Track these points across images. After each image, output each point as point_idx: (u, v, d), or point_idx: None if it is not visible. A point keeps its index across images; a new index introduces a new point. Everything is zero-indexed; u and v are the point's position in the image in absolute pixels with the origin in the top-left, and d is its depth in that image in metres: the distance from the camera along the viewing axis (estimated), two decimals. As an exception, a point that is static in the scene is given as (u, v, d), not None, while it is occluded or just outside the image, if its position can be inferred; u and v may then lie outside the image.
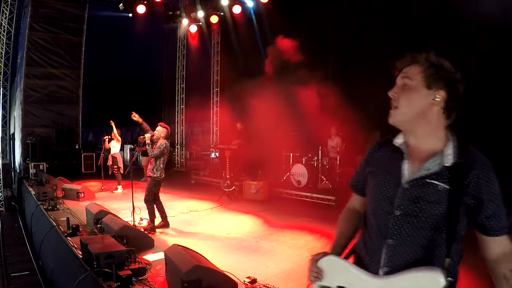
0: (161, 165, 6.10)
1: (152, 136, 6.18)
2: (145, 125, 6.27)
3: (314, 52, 9.73)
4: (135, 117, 6.27)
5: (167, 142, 6.18)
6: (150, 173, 6.13)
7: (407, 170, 1.35)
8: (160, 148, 6.03)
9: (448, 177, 1.26)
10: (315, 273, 1.51)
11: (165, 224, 6.17)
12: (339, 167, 8.97)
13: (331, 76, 9.86)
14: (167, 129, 6.27)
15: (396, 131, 1.45)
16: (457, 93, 1.32)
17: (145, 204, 6.09)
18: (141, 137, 6.31)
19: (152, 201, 6.11)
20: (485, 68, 7.08)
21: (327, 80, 9.40)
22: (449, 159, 1.28)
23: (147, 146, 6.11)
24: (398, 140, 1.42)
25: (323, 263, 1.51)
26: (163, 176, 6.18)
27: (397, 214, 1.33)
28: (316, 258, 1.52)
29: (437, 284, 1.17)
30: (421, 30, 7.91)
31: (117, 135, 9.80)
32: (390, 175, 1.38)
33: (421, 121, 1.33)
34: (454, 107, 1.33)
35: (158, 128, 6.22)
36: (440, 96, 1.30)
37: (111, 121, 9.74)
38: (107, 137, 9.83)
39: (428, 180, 1.29)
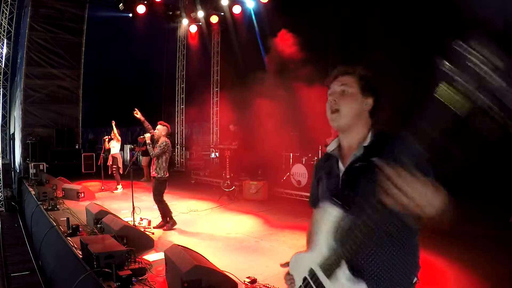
0: (164, 164, 6.06)
1: (152, 135, 6.18)
2: (146, 124, 6.26)
3: (314, 52, 9.73)
4: (138, 114, 6.25)
5: (167, 140, 6.15)
6: (154, 173, 6.11)
7: (342, 166, 1.56)
8: (161, 147, 6.01)
9: (370, 155, 1.44)
10: (289, 281, 1.64)
11: (164, 224, 6.18)
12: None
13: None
14: (167, 127, 6.25)
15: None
16: (379, 100, 1.58)
17: (156, 205, 6.15)
18: (141, 137, 6.31)
19: (162, 199, 6.13)
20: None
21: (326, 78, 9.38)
22: (367, 141, 1.51)
23: (147, 146, 6.09)
24: (330, 147, 1.65)
25: (290, 267, 1.65)
26: (167, 175, 6.17)
27: (340, 204, 1.47)
28: (285, 268, 1.68)
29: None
30: (421, 30, 7.91)
31: (117, 134, 9.80)
32: (331, 176, 1.58)
33: (356, 122, 1.55)
34: (377, 110, 1.58)
35: (158, 126, 6.20)
36: (369, 102, 1.55)
37: (112, 121, 9.76)
38: (107, 137, 9.84)
39: (355, 165, 1.49)
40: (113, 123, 9.78)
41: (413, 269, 1.45)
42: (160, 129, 6.16)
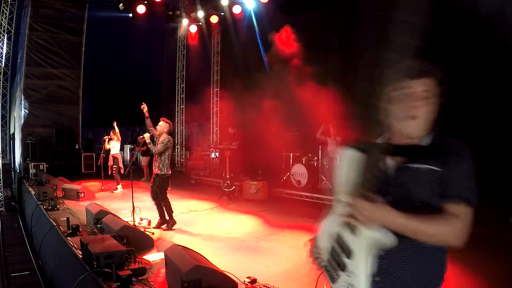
0: (166, 160, 6.08)
1: (152, 135, 6.20)
2: (149, 121, 6.29)
3: (315, 52, 9.73)
4: (145, 108, 6.28)
5: (170, 137, 6.19)
6: (157, 170, 6.09)
7: (392, 163, 1.44)
8: (163, 143, 6.03)
9: (426, 156, 1.37)
10: (316, 254, 1.55)
11: (162, 223, 6.18)
12: (339, 167, 8.94)
13: (331, 76, 9.86)
14: (169, 124, 6.29)
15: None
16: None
17: (154, 202, 6.18)
18: (141, 136, 6.33)
19: (166, 197, 6.14)
20: (488, 68, 7.08)
21: (327, 80, 9.40)
22: (425, 142, 1.41)
23: (148, 145, 6.12)
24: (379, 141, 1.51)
25: (318, 239, 1.55)
26: (170, 172, 6.18)
27: (389, 201, 1.35)
28: (312, 241, 1.59)
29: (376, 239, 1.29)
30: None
31: (118, 133, 9.83)
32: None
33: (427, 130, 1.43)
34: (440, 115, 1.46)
35: (161, 123, 6.23)
36: (438, 108, 1.42)
37: (114, 122, 9.80)
38: (106, 137, 9.85)
39: (409, 165, 1.39)
40: (115, 124, 9.82)
41: (438, 281, 1.42)
42: (162, 125, 6.19)
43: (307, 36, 9.73)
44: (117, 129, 9.83)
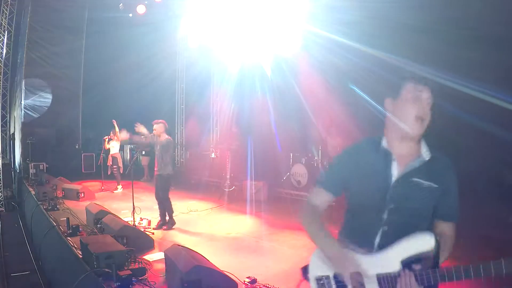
0: (169, 159, 6.14)
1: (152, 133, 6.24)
2: (138, 139, 6.33)
3: (314, 51, 9.71)
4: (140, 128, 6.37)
5: (170, 137, 6.24)
6: (159, 171, 6.11)
7: (396, 169, 1.57)
8: (167, 142, 6.10)
9: (426, 172, 1.55)
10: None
11: (163, 224, 6.18)
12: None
13: (331, 76, 9.84)
14: (163, 123, 6.28)
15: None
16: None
17: (158, 203, 6.22)
18: (142, 136, 6.33)
19: (167, 197, 6.16)
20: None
21: (327, 79, 9.39)
22: (425, 155, 1.57)
23: (144, 138, 6.19)
24: (384, 143, 1.63)
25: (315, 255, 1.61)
26: (172, 173, 6.24)
27: (390, 207, 1.55)
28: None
29: (430, 244, 1.40)
30: (420, 31, 7.90)
31: (118, 133, 9.82)
32: (381, 175, 1.58)
33: None
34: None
35: (155, 126, 6.22)
36: None
37: (113, 120, 9.78)
38: (106, 137, 9.85)
39: (413, 178, 1.54)
40: (115, 122, 9.81)
41: None
42: (158, 127, 6.19)
43: (307, 35, 9.71)
44: (117, 128, 9.81)
